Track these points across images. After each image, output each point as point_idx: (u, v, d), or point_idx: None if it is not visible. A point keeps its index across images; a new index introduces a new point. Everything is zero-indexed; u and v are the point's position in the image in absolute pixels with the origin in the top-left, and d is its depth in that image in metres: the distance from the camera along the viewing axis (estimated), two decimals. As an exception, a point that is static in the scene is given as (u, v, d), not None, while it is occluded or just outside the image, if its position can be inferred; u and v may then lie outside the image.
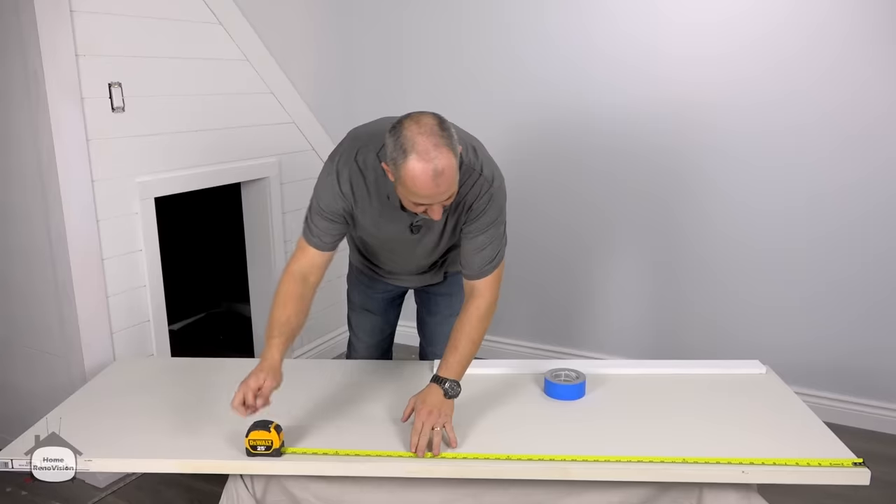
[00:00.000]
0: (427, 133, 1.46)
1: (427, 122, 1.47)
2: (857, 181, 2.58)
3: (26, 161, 2.21)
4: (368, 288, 2.13)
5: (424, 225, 1.75)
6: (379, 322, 2.19)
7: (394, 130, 1.49)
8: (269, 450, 1.55)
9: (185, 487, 2.36)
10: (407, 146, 1.45)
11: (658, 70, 2.78)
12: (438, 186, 1.47)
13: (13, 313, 2.45)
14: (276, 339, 1.66)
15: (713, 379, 1.96)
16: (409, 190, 1.49)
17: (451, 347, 1.70)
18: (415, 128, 1.46)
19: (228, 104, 2.73)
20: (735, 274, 2.85)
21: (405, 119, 1.50)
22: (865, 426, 2.74)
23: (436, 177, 1.45)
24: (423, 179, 1.45)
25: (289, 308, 1.71)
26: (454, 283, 2.06)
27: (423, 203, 1.52)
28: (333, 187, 1.68)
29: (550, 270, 3.19)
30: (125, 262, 2.41)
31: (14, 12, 2.06)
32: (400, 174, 1.48)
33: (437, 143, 1.45)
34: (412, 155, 1.44)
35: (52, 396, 2.21)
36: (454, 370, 1.68)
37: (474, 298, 1.74)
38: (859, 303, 2.68)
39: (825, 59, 2.53)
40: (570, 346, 3.22)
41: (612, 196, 3.01)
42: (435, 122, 1.48)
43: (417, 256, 1.89)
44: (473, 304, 1.74)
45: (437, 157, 1.44)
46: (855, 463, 1.51)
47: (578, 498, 1.64)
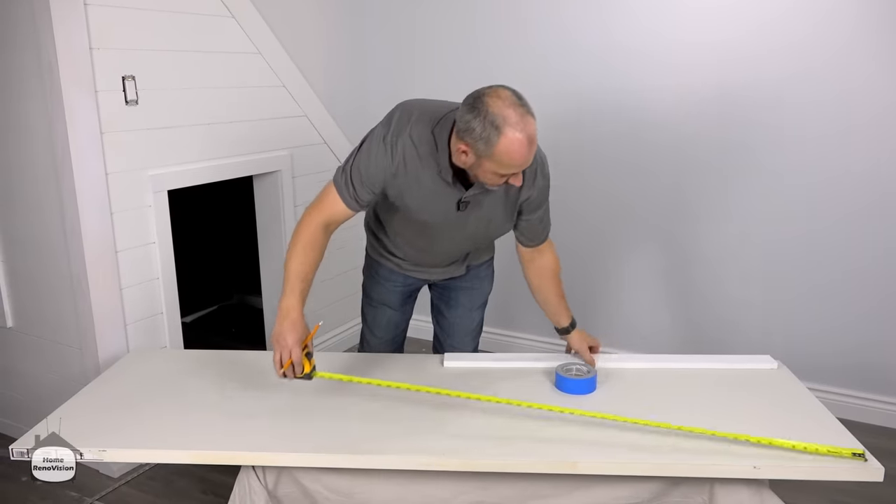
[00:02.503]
0: (512, 105, 1.50)
1: (506, 95, 1.52)
2: (866, 171, 2.57)
3: (41, 154, 2.23)
4: (387, 281, 2.11)
5: (473, 201, 1.75)
6: (395, 317, 2.18)
7: (475, 109, 1.52)
8: (302, 374, 1.62)
9: (197, 478, 2.38)
10: (499, 121, 1.49)
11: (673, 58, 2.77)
12: (531, 153, 1.54)
13: (28, 305, 2.47)
14: (297, 284, 1.70)
15: (724, 374, 1.95)
16: (503, 162, 1.53)
17: (557, 302, 1.97)
18: (499, 102, 1.50)
19: (241, 97, 2.74)
20: (747, 268, 2.84)
21: (484, 96, 1.52)
22: (876, 422, 2.72)
23: (530, 145, 1.52)
24: (519, 150, 1.51)
25: (310, 257, 1.75)
26: (475, 277, 2.11)
27: (512, 172, 1.57)
28: (384, 158, 1.68)
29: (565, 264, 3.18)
30: (139, 255, 2.43)
31: (28, 5, 2.07)
32: (493, 150, 1.51)
33: (523, 113, 1.51)
34: (506, 128, 1.49)
35: (66, 387, 2.23)
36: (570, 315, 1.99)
37: (545, 261, 1.96)
38: (870, 298, 2.66)
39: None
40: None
41: (627, 191, 2.99)
42: (512, 93, 1.53)
43: (456, 241, 1.90)
44: (547, 266, 1.96)
45: (527, 125, 1.51)
46: (854, 454, 1.50)
47: (587, 492, 1.64)
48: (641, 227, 3.00)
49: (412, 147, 1.67)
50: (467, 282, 2.10)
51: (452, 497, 1.67)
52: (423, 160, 1.68)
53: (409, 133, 1.67)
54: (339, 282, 3.39)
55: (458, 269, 2.07)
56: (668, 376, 1.95)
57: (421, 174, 1.70)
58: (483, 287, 2.16)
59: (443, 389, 1.71)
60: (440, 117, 1.67)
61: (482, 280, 2.14)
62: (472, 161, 1.58)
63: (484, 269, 2.15)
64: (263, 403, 1.76)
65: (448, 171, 1.67)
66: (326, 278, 3.33)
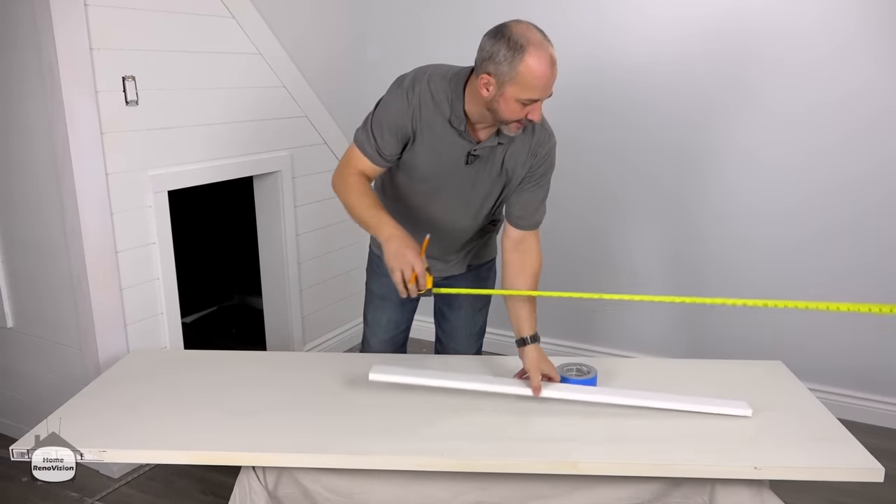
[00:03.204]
0: (534, 29, 1.57)
1: (527, 23, 1.59)
2: (867, 173, 2.57)
3: (41, 154, 2.23)
4: (388, 276, 2.08)
5: (482, 155, 1.78)
6: (396, 314, 2.15)
7: (499, 35, 1.57)
8: (421, 290, 1.63)
9: (197, 479, 2.38)
10: (523, 41, 1.54)
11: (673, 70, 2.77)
12: (553, 75, 1.58)
13: (29, 305, 2.47)
14: (384, 216, 1.71)
15: (724, 374, 1.95)
16: (526, 83, 1.56)
17: (529, 307, 1.83)
18: (522, 26, 1.57)
19: (241, 98, 2.74)
20: (748, 269, 2.84)
21: (506, 25, 1.59)
22: (876, 422, 2.72)
23: (552, 65, 1.56)
24: (542, 68, 1.55)
25: (369, 195, 1.76)
26: (477, 278, 2.10)
27: (535, 98, 1.60)
28: (402, 102, 1.73)
29: (568, 266, 3.19)
30: (139, 255, 2.43)
31: (29, 5, 2.07)
32: (517, 70, 1.55)
33: (544, 38, 1.57)
34: (530, 48, 1.54)
35: (66, 388, 2.23)
36: (535, 325, 1.82)
37: (529, 256, 1.86)
38: (870, 298, 2.65)
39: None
40: (586, 342, 3.22)
41: (632, 193, 2.99)
42: (532, 24, 1.59)
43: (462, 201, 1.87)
44: (530, 262, 1.86)
45: (549, 47, 1.56)
46: None
47: (588, 493, 1.63)
48: (647, 231, 3.00)
49: (428, 94, 1.73)
50: (469, 281, 2.09)
51: (452, 497, 1.66)
52: (438, 107, 1.73)
53: (426, 81, 1.74)
54: (340, 281, 3.39)
55: (458, 265, 2.06)
56: (668, 375, 1.95)
57: (434, 122, 1.74)
58: (485, 287, 2.16)
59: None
60: (455, 71, 1.75)
61: (484, 281, 2.14)
62: (493, 93, 1.61)
63: (486, 270, 2.15)
64: (263, 404, 1.76)
65: (461, 120, 1.71)
66: (328, 278, 3.33)
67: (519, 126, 1.68)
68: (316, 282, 3.26)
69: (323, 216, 3.22)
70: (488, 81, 1.60)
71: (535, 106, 1.62)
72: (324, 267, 3.30)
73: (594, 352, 3.19)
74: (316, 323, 3.30)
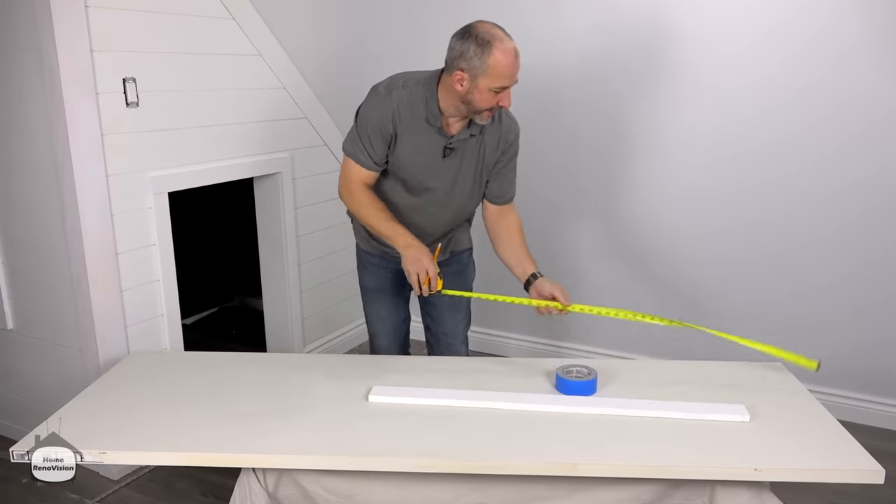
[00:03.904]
0: (496, 27, 1.78)
1: (489, 22, 1.80)
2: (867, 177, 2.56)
3: (41, 155, 2.23)
4: (379, 268, 2.22)
5: (457, 148, 1.95)
6: (392, 303, 2.26)
7: (466, 35, 1.78)
8: (433, 290, 1.88)
9: (197, 480, 2.38)
10: (489, 37, 1.75)
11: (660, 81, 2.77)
12: (518, 64, 1.79)
13: (29, 306, 2.47)
14: (397, 226, 1.93)
15: (724, 375, 1.95)
16: (496, 73, 1.76)
17: (523, 252, 2.05)
18: (486, 25, 1.78)
19: (241, 99, 2.74)
20: (749, 272, 2.84)
21: (470, 24, 1.80)
22: (877, 423, 2.72)
23: (516, 56, 1.78)
24: (509, 59, 1.76)
25: (379, 206, 1.96)
26: (458, 263, 2.25)
27: (504, 86, 1.79)
28: (384, 106, 1.90)
29: (561, 264, 3.19)
30: (139, 257, 2.43)
31: (29, 6, 2.08)
32: (487, 63, 1.75)
33: (504, 34, 1.78)
34: (496, 42, 1.75)
35: (66, 389, 2.23)
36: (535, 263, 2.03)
37: (510, 219, 2.10)
38: (871, 300, 2.66)
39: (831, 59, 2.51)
40: (585, 344, 3.23)
41: (625, 199, 2.99)
42: (493, 22, 1.80)
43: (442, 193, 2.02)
44: (512, 224, 2.09)
45: (511, 40, 1.77)
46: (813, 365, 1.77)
47: (588, 494, 1.63)
48: (640, 234, 3.00)
49: (405, 97, 1.89)
50: (451, 267, 2.22)
51: (452, 499, 1.66)
52: (414, 108, 1.90)
53: (401, 86, 1.91)
54: (340, 283, 3.39)
55: (441, 253, 2.16)
56: (669, 377, 1.95)
57: (413, 122, 1.91)
58: (466, 273, 2.30)
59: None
60: (426, 75, 1.92)
61: (465, 266, 2.29)
62: (466, 87, 1.80)
63: (466, 257, 2.30)
64: (264, 405, 1.76)
65: (437, 117, 1.89)
66: (328, 279, 3.33)
67: (490, 114, 1.87)
68: (316, 283, 3.26)
69: (323, 217, 3.22)
70: (462, 77, 1.79)
71: (505, 93, 1.82)
72: (324, 268, 3.30)
73: (593, 353, 3.18)
74: (316, 324, 3.30)
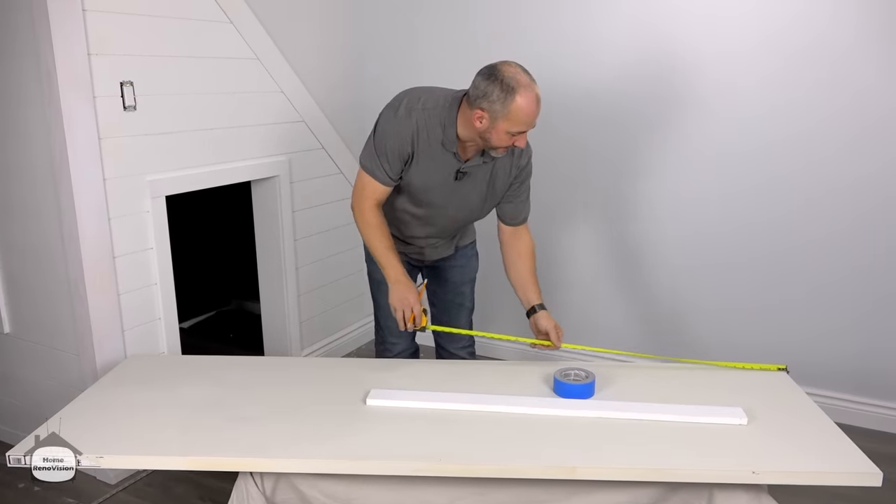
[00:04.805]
0: (522, 71, 1.81)
1: (516, 65, 1.82)
2: (860, 180, 2.57)
3: (39, 159, 2.22)
4: None
5: (470, 172, 2.01)
6: None
7: (492, 77, 1.80)
8: (417, 327, 1.98)
9: (195, 484, 2.37)
10: (513, 84, 1.78)
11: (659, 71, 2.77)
12: (538, 111, 1.82)
13: (26, 310, 2.47)
14: (392, 258, 2.01)
15: (722, 377, 1.96)
16: (517, 119, 1.80)
17: (531, 280, 2.12)
18: (511, 69, 1.81)
19: (239, 103, 2.74)
20: (748, 274, 2.84)
21: (497, 66, 1.82)
22: (874, 426, 2.72)
23: (538, 102, 1.82)
24: (530, 107, 1.79)
25: (384, 232, 2.04)
26: (462, 256, 2.35)
27: (522, 131, 1.84)
28: (403, 128, 1.94)
29: (564, 266, 3.19)
30: (136, 261, 2.42)
31: (27, 11, 2.08)
32: (509, 108, 1.79)
33: (531, 80, 1.81)
34: (520, 89, 1.78)
35: (63, 393, 2.23)
36: (540, 295, 2.11)
37: (523, 242, 2.16)
38: (868, 302, 2.66)
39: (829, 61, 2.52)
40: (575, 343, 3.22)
41: (624, 200, 3.00)
42: (519, 65, 1.83)
43: (451, 209, 2.10)
44: (524, 247, 2.15)
45: (535, 88, 1.81)
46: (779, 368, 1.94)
47: (586, 498, 1.63)
48: (635, 236, 3.01)
49: (424, 120, 1.93)
50: (455, 260, 2.33)
51: (450, 503, 1.66)
52: (432, 132, 1.94)
53: (420, 108, 1.94)
54: (338, 286, 3.39)
55: (447, 248, 2.29)
56: (667, 380, 1.95)
57: (430, 145, 1.95)
58: (470, 264, 2.39)
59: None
60: (446, 96, 1.95)
61: (469, 258, 2.39)
62: (486, 125, 1.83)
63: (469, 249, 2.39)
64: (261, 409, 1.76)
65: (453, 143, 1.93)
66: (326, 283, 3.32)
67: (504, 150, 1.93)
68: (314, 286, 3.26)
69: (321, 221, 3.22)
70: (482, 116, 1.83)
71: (522, 136, 1.87)
72: (322, 272, 3.30)
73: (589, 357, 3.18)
74: (314, 328, 3.30)
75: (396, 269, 1.99)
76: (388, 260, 2.00)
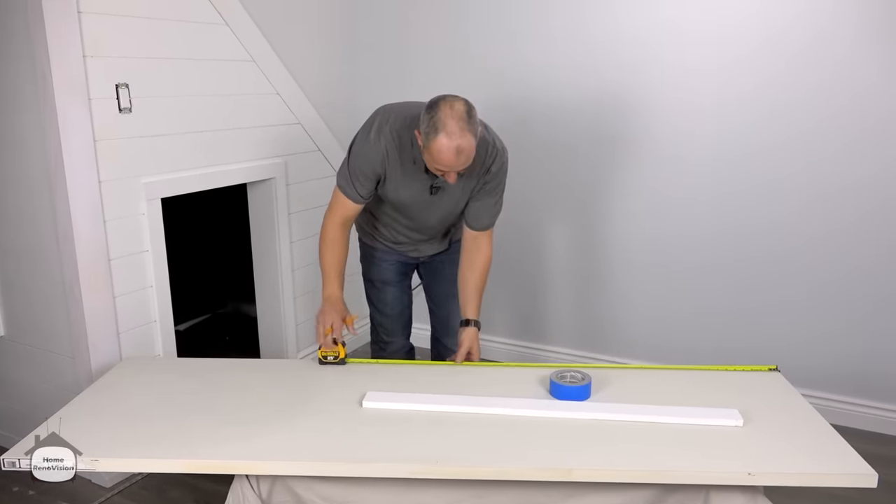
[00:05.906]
0: (456, 118, 1.77)
1: (458, 108, 1.79)
2: (859, 181, 2.58)
3: (34, 162, 2.22)
4: (383, 261, 2.35)
5: (444, 187, 2.05)
6: (397, 291, 2.39)
7: (431, 109, 1.81)
8: (336, 359, 2.01)
9: (190, 487, 2.37)
10: (438, 125, 1.77)
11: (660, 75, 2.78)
12: (458, 160, 1.81)
13: (21, 313, 2.46)
14: (334, 276, 2.11)
15: (720, 377, 1.96)
16: (434, 159, 1.82)
17: (474, 295, 2.15)
18: (448, 111, 1.78)
19: (235, 105, 2.74)
20: (746, 276, 2.84)
21: (441, 101, 1.81)
22: (870, 428, 2.73)
23: (457, 154, 1.79)
24: (446, 154, 1.79)
25: (337, 250, 2.13)
26: (457, 251, 2.31)
27: (443, 169, 1.85)
28: (373, 152, 1.99)
29: (552, 270, 3.19)
30: (132, 263, 2.42)
31: (23, 14, 2.07)
32: (429, 146, 1.80)
33: (463, 128, 1.78)
34: (441, 133, 1.77)
35: (58, 396, 2.22)
36: (477, 312, 2.15)
37: (479, 254, 2.15)
38: (865, 304, 2.66)
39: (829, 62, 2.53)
40: (582, 350, 3.23)
41: (613, 200, 3.00)
42: (464, 109, 1.80)
43: (433, 219, 2.17)
44: (479, 259, 2.15)
45: (461, 138, 1.77)
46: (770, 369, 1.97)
47: (582, 499, 1.63)
48: (629, 237, 3.01)
49: (392, 142, 1.98)
50: (451, 255, 2.33)
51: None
52: (402, 152, 1.99)
53: (388, 130, 1.98)
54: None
55: (441, 244, 2.32)
56: (663, 382, 1.95)
57: (400, 164, 2.00)
58: None
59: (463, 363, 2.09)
60: (414, 117, 1.93)
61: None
62: (420, 148, 1.87)
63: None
64: (257, 412, 1.76)
65: (421, 163, 1.95)
66: (321, 286, 3.31)
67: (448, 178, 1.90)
68: (310, 289, 3.25)
69: (317, 223, 3.17)
70: (419, 138, 1.86)
71: (448, 173, 1.87)
72: (318, 274, 3.24)
73: (590, 358, 3.18)
74: (310, 330, 3.29)
75: (332, 287, 2.10)
76: (329, 277, 2.11)
